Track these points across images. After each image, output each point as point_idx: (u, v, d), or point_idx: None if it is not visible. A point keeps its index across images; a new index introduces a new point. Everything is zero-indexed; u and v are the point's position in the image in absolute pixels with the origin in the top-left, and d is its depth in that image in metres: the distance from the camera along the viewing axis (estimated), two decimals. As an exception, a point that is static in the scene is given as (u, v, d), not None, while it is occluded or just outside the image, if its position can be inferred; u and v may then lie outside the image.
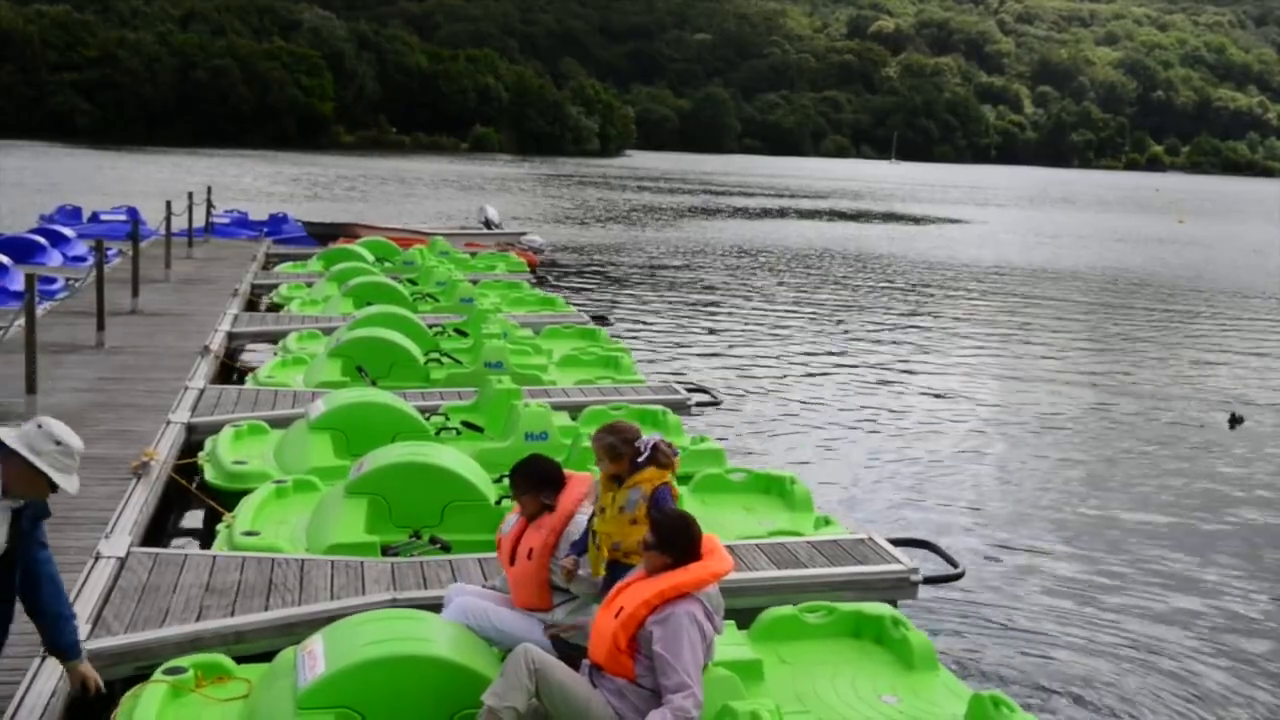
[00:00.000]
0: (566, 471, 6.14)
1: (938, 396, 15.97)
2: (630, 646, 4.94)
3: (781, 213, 55.20)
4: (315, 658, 5.10)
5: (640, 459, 5.78)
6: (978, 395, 16.24)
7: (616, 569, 5.57)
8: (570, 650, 5.62)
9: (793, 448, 12.84)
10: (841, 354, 18.74)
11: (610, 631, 4.97)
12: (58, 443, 4.87)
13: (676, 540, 5.05)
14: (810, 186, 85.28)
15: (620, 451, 5.78)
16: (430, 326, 14.33)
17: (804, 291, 26.37)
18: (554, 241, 33.14)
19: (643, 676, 4.94)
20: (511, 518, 6.10)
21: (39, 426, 4.90)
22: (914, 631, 6.25)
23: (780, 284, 27.46)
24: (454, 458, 8.18)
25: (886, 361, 18.25)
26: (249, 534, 7.58)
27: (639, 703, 4.92)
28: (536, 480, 5.93)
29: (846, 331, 21.04)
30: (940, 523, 10.50)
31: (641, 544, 5.15)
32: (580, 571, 5.75)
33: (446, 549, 7.45)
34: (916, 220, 55.37)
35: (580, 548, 5.80)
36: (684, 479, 9.27)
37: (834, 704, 5.79)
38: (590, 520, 5.84)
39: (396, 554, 7.37)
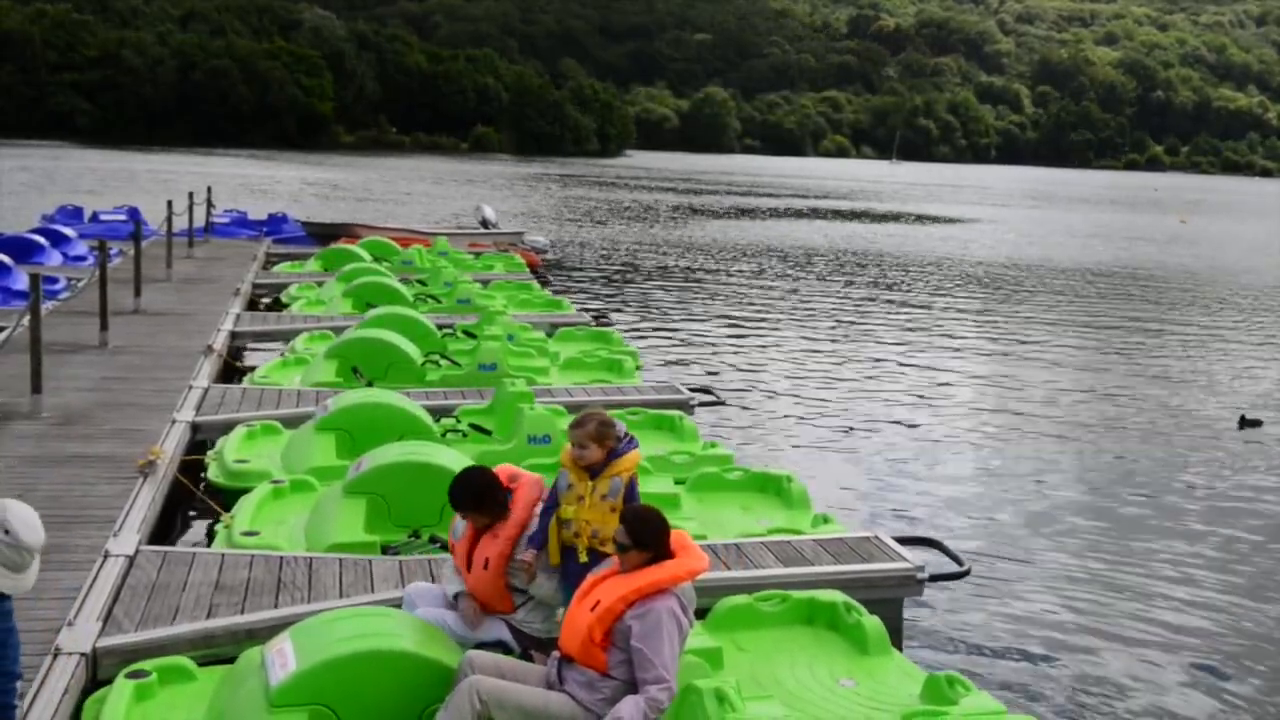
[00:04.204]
0: (513, 470, 6.09)
1: (943, 395, 15.98)
2: (605, 639, 5.00)
3: (790, 213, 55.19)
4: (285, 656, 5.10)
5: (622, 444, 5.73)
6: (984, 394, 16.26)
7: (595, 558, 5.56)
8: (538, 645, 5.67)
9: (796, 447, 12.86)
10: (846, 353, 18.75)
11: (585, 624, 5.02)
12: (5, 532, 4.16)
13: (653, 537, 5.11)
14: (819, 187, 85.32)
15: (608, 435, 5.71)
16: (441, 328, 14.34)
17: (809, 291, 26.39)
18: (557, 241, 33.14)
19: (614, 668, 5.01)
20: (460, 522, 6.00)
21: None
22: (867, 616, 6.31)
23: (786, 283, 27.48)
24: (452, 458, 8.17)
25: (892, 360, 18.25)
26: (249, 534, 7.60)
27: (608, 693, 4.99)
28: (474, 498, 5.81)
29: (852, 330, 21.04)
30: (946, 522, 10.53)
31: (614, 543, 5.17)
32: (539, 573, 5.72)
33: (447, 548, 7.48)
34: (925, 219, 55.38)
35: (539, 541, 5.74)
36: (685, 480, 9.32)
37: (793, 689, 5.85)
38: (555, 510, 5.74)
39: (397, 553, 7.39)
